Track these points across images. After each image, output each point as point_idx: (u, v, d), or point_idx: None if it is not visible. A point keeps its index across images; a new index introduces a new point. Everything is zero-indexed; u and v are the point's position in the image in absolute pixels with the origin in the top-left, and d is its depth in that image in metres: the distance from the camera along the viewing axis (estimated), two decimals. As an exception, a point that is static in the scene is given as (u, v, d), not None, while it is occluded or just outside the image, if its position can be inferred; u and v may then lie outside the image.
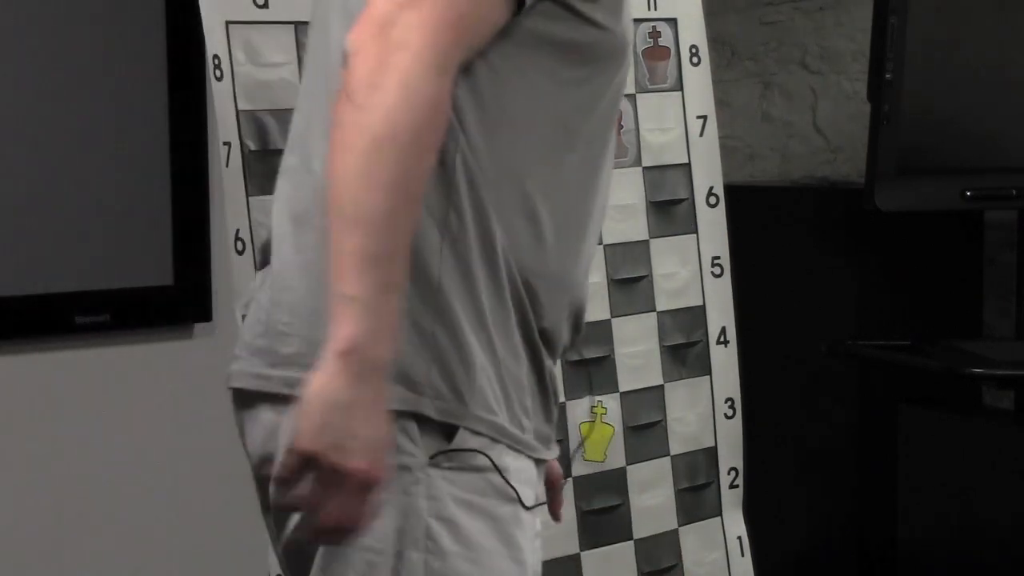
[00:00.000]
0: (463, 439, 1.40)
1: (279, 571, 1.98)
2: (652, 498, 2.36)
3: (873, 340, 2.81)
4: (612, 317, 2.33)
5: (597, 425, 2.31)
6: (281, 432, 1.43)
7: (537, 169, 1.46)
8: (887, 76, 2.60)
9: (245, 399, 1.52)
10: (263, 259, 1.58)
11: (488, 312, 1.42)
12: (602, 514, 2.31)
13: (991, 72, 2.70)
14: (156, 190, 2.96)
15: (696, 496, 2.41)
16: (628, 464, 2.34)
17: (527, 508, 1.47)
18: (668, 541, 2.38)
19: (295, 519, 1.47)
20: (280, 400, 1.45)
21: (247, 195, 1.98)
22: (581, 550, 2.30)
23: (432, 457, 1.39)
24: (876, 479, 2.94)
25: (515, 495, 1.44)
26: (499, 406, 1.44)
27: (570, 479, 2.29)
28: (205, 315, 3.01)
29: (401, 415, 1.37)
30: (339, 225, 1.29)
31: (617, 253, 2.33)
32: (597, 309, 2.32)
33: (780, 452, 3.08)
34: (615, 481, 2.33)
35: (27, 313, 2.85)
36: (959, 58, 2.69)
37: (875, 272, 2.97)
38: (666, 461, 2.38)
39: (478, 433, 1.41)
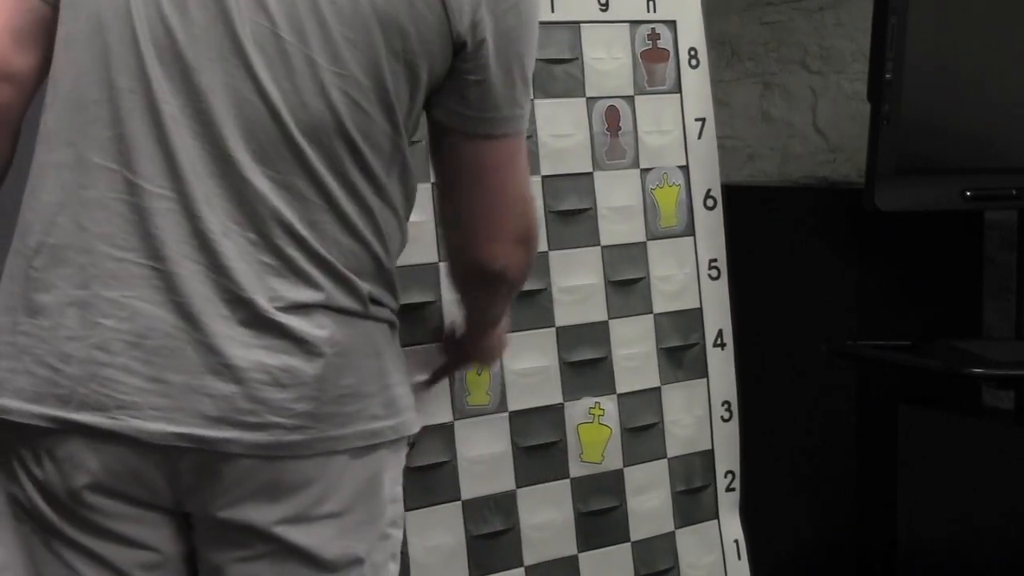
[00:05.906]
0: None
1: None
2: (649, 500, 2.36)
3: (873, 340, 2.81)
4: (609, 319, 2.33)
5: (595, 427, 2.32)
6: None
7: None
8: (887, 76, 2.59)
9: None
10: None
11: None
12: (599, 516, 2.32)
13: (991, 72, 2.70)
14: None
15: (693, 499, 2.41)
16: (625, 466, 2.34)
17: None
18: (665, 543, 2.38)
19: None
20: None
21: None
22: (579, 551, 2.30)
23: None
24: (876, 479, 2.94)
25: None
26: None
27: (568, 480, 2.30)
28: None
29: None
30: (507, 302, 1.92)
31: (615, 255, 2.33)
32: (595, 310, 2.32)
33: (780, 453, 3.08)
34: (612, 483, 2.33)
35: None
36: (959, 58, 2.68)
37: (875, 272, 2.97)
38: (663, 463, 2.38)
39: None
